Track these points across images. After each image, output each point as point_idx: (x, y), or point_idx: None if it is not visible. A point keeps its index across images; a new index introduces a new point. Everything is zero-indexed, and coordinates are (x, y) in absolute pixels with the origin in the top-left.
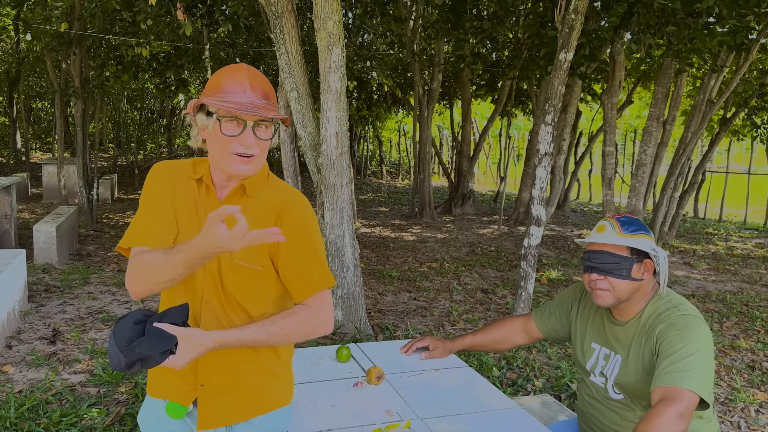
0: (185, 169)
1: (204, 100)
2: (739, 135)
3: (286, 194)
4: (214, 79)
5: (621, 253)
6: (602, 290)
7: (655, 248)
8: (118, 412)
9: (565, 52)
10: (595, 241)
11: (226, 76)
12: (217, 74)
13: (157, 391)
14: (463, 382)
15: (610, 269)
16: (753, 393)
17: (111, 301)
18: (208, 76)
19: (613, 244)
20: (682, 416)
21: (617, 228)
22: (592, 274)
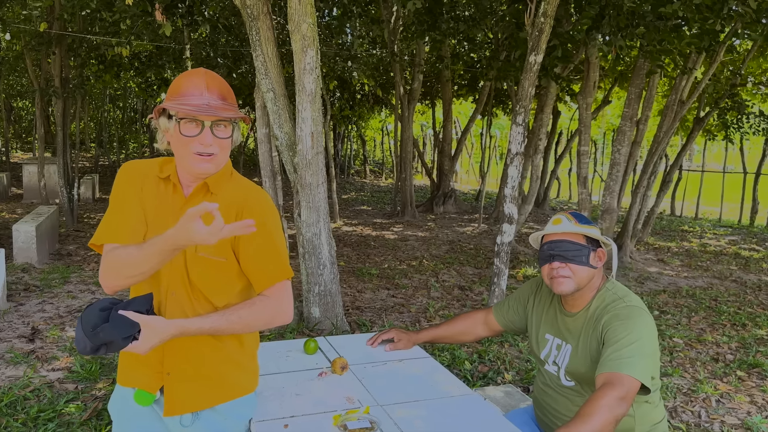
0: (153, 168)
1: (164, 105)
2: (711, 134)
3: (246, 191)
4: (174, 84)
5: (579, 241)
6: (564, 277)
7: (606, 238)
8: (96, 407)
9: (535, 54)
10: (554, 232)
11: (184, 80)
12: (176, 80)
13: (125, 379)
14: (425, 371)
15: (571, 256)
16: (715, 384)
17: (91, 300)
18: None
19: (572, 232)
20: (623, 399)
21: (573, 220)
22: (554, 263)
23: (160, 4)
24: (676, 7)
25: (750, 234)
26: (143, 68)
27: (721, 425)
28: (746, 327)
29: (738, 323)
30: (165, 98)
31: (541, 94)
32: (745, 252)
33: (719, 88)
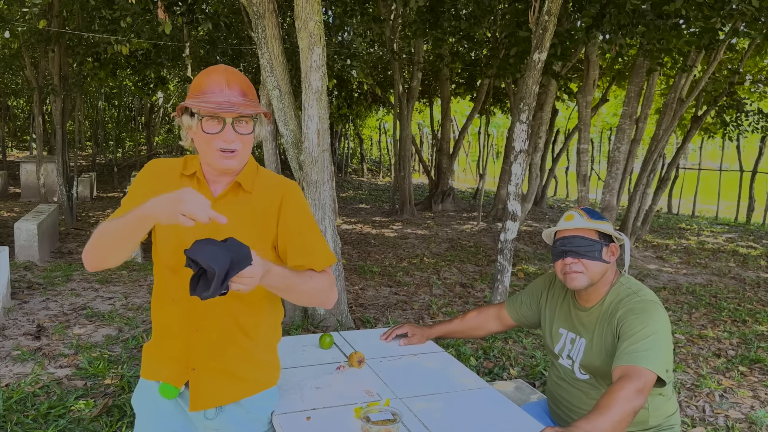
0: (177, 166)
1: (186, 103)
2: (710, 132)
3: (282, 184)
4: (195, 81)
5: (591, 236)
6: (577, 272)
7: (618, 233)
8: (106, 403)
9: (539, 52)
10: (567, 228)
11: (205, 77)
12: (197, 77)
13: (150, 373)
14: (440, 365)
15: (584, 252)
16: (718, 379)
17: (94, 298)
18: (188, 74)
19: (584, 228)
20: (641, 392)
21: (585, 216)
22: (566, 258)
23: (162, 2)
24: (679, 5)
25: (747, 231)
26: (140, 66)
27: (725, 419)
28: (747, 323)
29: (738, 319)
30: (187, 96)
31: (541, 93)
32: (742, 249)
33: (718, 87)
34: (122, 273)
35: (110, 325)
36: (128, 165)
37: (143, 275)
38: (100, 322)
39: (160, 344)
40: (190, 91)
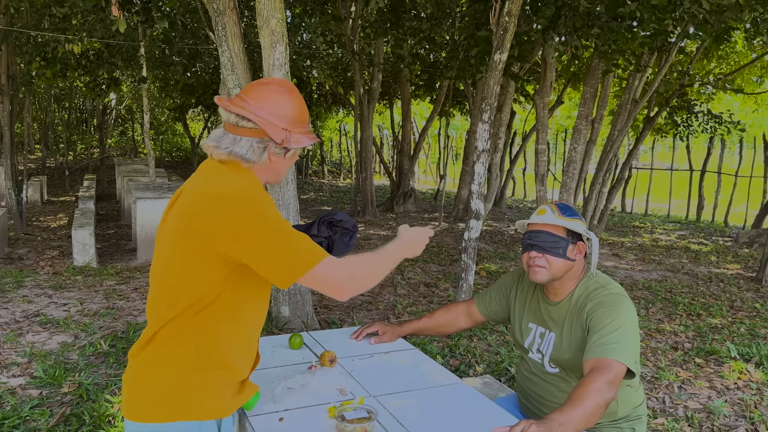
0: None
1: (313, 139)
2: (662, 133)
3: None
4: (298, 107)
5: (559, 233)
6: (539, 267)
7: (587, 232)
8: (63, 412)
9: (500, 53)
10: (536, 222)
11: (302, 105)
12: (295, 103)
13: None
14: (412, 362)
15: (548, 247)
16: (676, 371)
17: (48, 304)
18: (143, 74)
19: (552, 224)
20: (612, 383)
21: (556, 212)
22: (531, 252)
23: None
24: (633, 8)
25: (697, 229)
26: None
27: (685, 410)
28: (701, 316)
29: (693, 313)
30: (293, 123)
31: (500, 94)
32: (694, 246)
33: (669, 88)
34: (77, 278)
35: (66, 332)
36: (80, 168)
37: (99, 280)
38: (55, 329)
39: (236, 369)
40: (300, 119)
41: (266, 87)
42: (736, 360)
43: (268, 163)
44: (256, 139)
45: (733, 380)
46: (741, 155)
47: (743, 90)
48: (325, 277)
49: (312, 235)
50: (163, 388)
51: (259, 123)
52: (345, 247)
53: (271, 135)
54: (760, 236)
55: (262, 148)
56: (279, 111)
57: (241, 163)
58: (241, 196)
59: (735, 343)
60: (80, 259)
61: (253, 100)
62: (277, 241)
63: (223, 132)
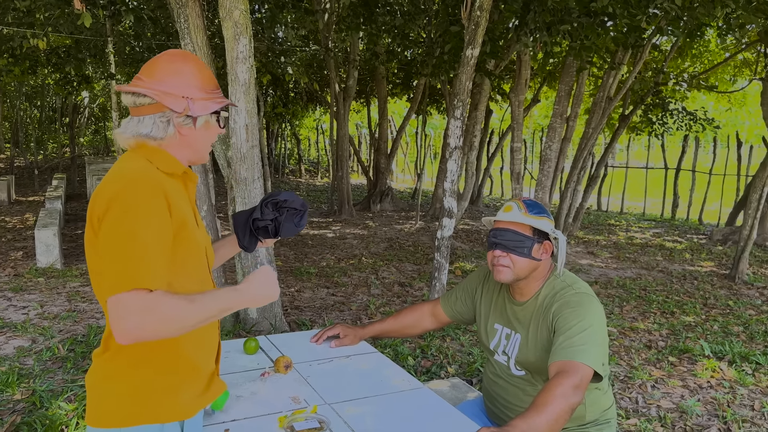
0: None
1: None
2: (637, 131)
3: None
4: (203, 74)
5: (524, 232)
6: (503, 266)
7: (554, 231)
8: (13, 421)
9: (472, 48)
10: (501, 219)
11: (207, 70)
12: (198, 70)
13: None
14: (373, 366)
15: (513, 246)
16: (650, 370)
17: (6, 307)
18: (112, 70)
19: (518, 222)
20: (578, 388)
21: (523, 209)
22: (495, 251)
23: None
24: (606, 3)
25: (672, 227)
26: (61, 63)
27: (657, 409)
28: (675, 314)
29: (667, 311)
30: (200, 90)
31: (475, 92)
32: (669, 244)
33: (644, 86)
34: (39, 280)
35: (23, 335)
36: (50, 167)
37: (62, 282)
38: (12, 333)
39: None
40: (202, 85)
41: (158, 59)
42: (710, 358)
43: (179, 137)
44: (157, 115)
45: (706, 379)
46: (715, 154)
47: (717, 88)
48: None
49: (255, 218)
50: (123, 391)
51: (154, 96)
52: (294, 228)
53: (170, 106)
54: (734, 234)
55: (166, 122)
56: (175, 81)
57: (148, 143)
58: (114, 190)
59: (708, 341)
60: (44, 260)
61: (147, 77)
62: (119, 246)
63: (129, 118)
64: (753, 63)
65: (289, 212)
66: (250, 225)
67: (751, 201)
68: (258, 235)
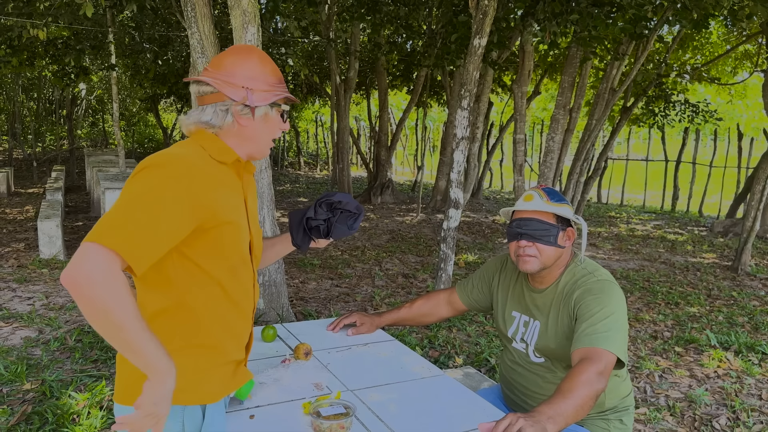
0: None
1: (284, 95)
2: (639, 122)
3: None
4: (269, 69)
5: (548, 220)
6: (530, 256)
7: (576, 217)
8: (24, 410)
9: (479, 38)
10: (524, 209)
11: (272, 65)
12: (264, 64)
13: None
14: (391, 354)
15: (539, 236)
16: (657, 360)
17: (11, 298)
18: (112, 61)
19: (542, 211)
20: (602, 374)
21: (545, 197)
22: (521, 241)
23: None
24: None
25: (672, 219)
26: (60, 54)
27: (666, 399)
28: (679, 305)
29: (671, 302)
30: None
31: (478, 83)
32: (670, 235)
33: (646, 78)
34: (43, 272)
35: (29, 326)
36: (48, 159)
37: None
38: (18, 323)
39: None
40: (263, 77)
41: (225, 52)
42: (716, 348)
43: (237, 127)
44: (218, 104)
45: (713, 368)
46: (715, 146)
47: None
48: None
49: (308, 218)
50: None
51: (216, 85)
52: (347, 230)
53: (229, 95)
54: (735, 226)
55: (225, 110)
56: (237, 71)
57: (206, 130)
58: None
59: (714, 332)
60: (46, 252)
61: (213, 68)
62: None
63: (196, 107)
64: (754, 55)
65: (343, 214)
66: (303, 224)
67: (754, 193)
68: (311, 234)
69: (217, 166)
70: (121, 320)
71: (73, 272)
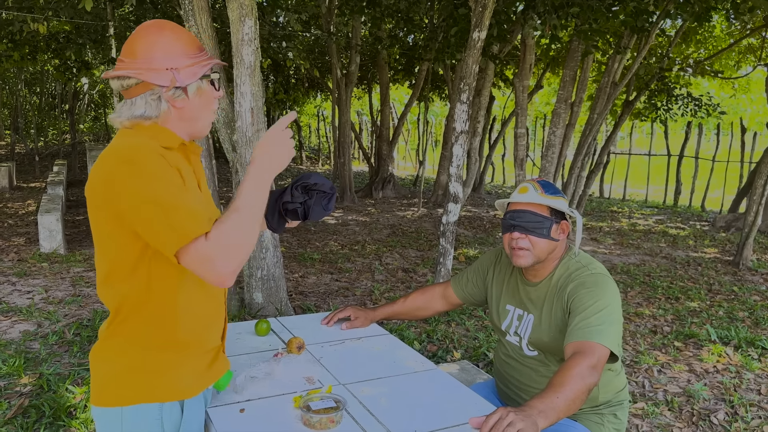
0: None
1: (208, 62)
2: (642, 117)
3: None
4: (184, 39)
5: (542, 213)
6: (523, 250)
7: (571, 210)
8: (21, 404)
9: (479, 30)
10: (518, 201)
11: (187, 34)
12: (179, 34)
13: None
14: (385, 348)
15: (532, 228)
16: (656, 355)
17: (11, 292)
18: (113, 55)
19: (536, 203)
20: (594, 368)
21: (539, 189)
22: (514, 233)
23: None
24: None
25: (675, 213)
26: (61, 48)
27: (664, 394)
28: (679, 300)
29: (672, 297)
30: (179, 57)
31: (479, 78)
32: (672, 230)
33: (648, 71)
34: (43, 265)
35: (28, 320)
36: (51, 154)
37: (65, 267)
38: (17, 317)
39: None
40: (184, 50)
41: (133, 37)
42: (715, 343)
43: (174, 112)
44: (147, 93)
45: (712, 363)
46: (718, 140)
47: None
48: (200, 258)
49: (286, 201)
50: (124, 369)
51: (138, 75)
52: (323, 211)
53: (155, 82)
54: (737, 220)
55: (157, 98)
56: (155, 53)
57: (143, 123)
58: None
59: (714, 327)
60: (47, 246)
61: (127, 57)
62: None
63: (123, 102)
64: (757, 49)
65: (318, 195)
66: (279, 207)
67: (756, 187)
68: (287, 218)
69: (166, 152)
70: (249, 224)
71: (221, 274)
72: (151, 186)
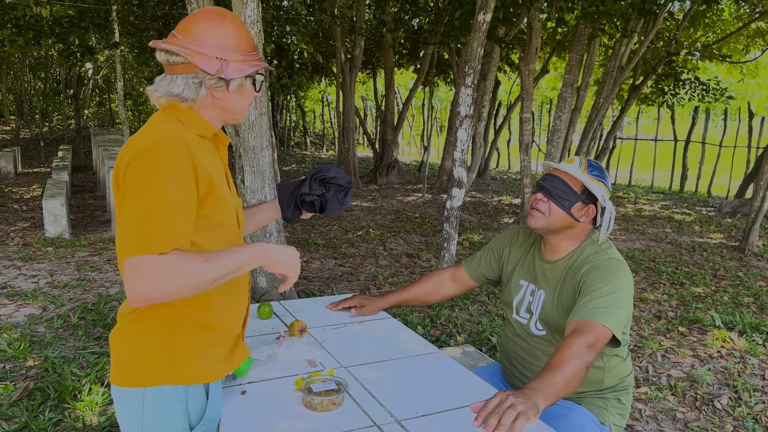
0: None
1: (256, 65)
2: (648, 101)
3: None
4: (241, 35)
5: (573, 186)
6: (538, 211)
7: (605, 200)
8: (26, 386)
9: (484, 13)
10: (558, 168)
11: (246, 31)
12: (237, 28)
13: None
14: (388, 332)
15: (556, 194)
16: (660, 340)
17: (16, 276)
18: (116, 39)
19: (572, 175)
20: (592, 347)
21: (584, 165)
22: (538, 194)
23: None
24: None
25: (681, 199)
26: (65, 33)
27: (668, 378)
28: (684, 285)
29: (676, 282)
30: (237, 52)
31: (484, 62)
32: (677, 216)
33: (656, 55)
34: (48, 250)
35: (33, 304)
36: (55, 139)
37: (70, 252)
38: (23, 301)
39: (225, 330)
40: (238, 45)
41: (194, 17)
42: (720, 328)
43: (211, 100)
44: (190, 75)
45: (717, 348)
46: (725, 125)
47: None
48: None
49: (303, 193)
50: (148, 351)
51: (187, 56)
52: (339, 205)
53: (202, 67)
54: (743, 206)
55: (198, 83)
56: (209, 40)
57: (179, 104)
58: (141, 151)
59: (718, 312)
60: (52, 230)
61: (182, 34)
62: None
63: (163, 75)
64: (766, 33)
65: (335, 189)
66: (296, 198)
67: (763, 172)
68: (303, 209)
69: (198, 139)
70: (204, 277)
71: (137, 292)
72: (157, 183)
